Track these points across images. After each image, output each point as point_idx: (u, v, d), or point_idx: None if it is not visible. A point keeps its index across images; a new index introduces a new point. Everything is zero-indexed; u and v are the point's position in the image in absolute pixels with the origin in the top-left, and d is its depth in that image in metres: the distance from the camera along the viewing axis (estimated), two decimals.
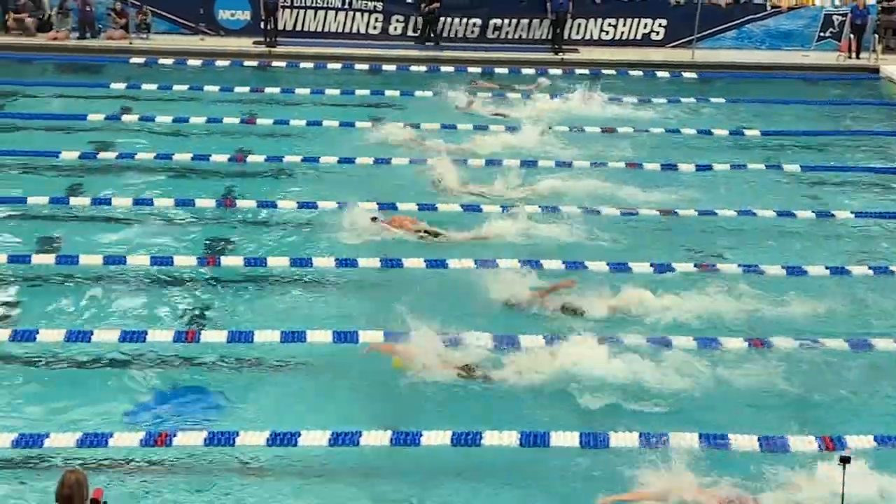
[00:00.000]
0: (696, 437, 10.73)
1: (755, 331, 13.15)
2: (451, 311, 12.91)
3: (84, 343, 12.33)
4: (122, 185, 17.50)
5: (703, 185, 18.54)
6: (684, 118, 22.76)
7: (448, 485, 10.12)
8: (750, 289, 14.14)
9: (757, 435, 10.86)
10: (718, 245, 16.07)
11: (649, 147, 20.53)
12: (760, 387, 11.98)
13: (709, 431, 10.84)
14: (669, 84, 25.81)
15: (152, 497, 9.86)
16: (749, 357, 12.53)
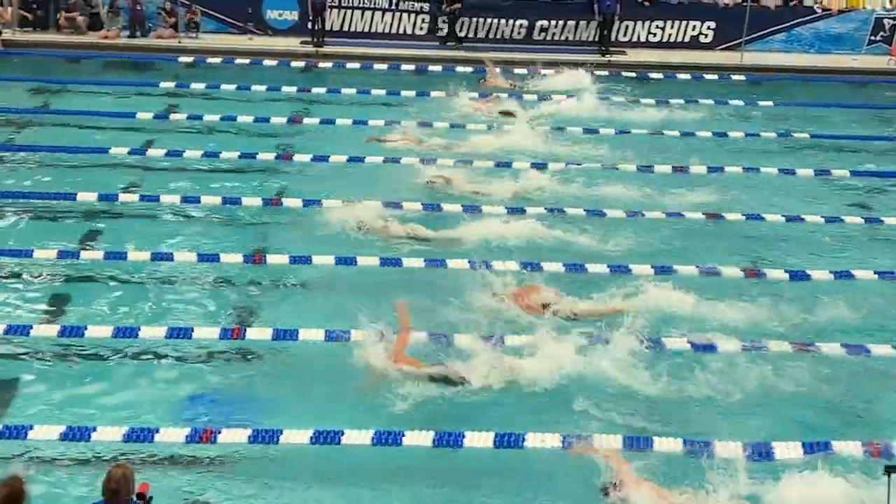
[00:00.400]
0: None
1: (799, 335, 13.05)
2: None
3: (131, 339, 12.45)
4: (170, 183, 17.66)
5: (750, 189, 18.40)
6: (732, 121, 22.60)
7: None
8: (796, 293, 14.02)
9: (800, 441, 10.77)
10: (765, 249, 15.94)
11: (696, 150, 20.39)
12: (805, 392, 11.87)
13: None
14: (717, 87, 25.63)
15: (196, 493, 9.95)
16: (791, 361, 12.43)
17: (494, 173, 18.52)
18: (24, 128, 20.42)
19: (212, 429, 10.71)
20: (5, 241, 15.16)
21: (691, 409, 11.56)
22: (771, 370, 12.21)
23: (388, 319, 12.38)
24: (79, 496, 9.60)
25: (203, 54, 26.00)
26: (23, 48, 25.60)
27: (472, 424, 10.90)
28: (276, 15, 27.79)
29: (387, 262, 14.63)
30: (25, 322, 12.77)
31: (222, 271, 14.46)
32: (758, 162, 19.67)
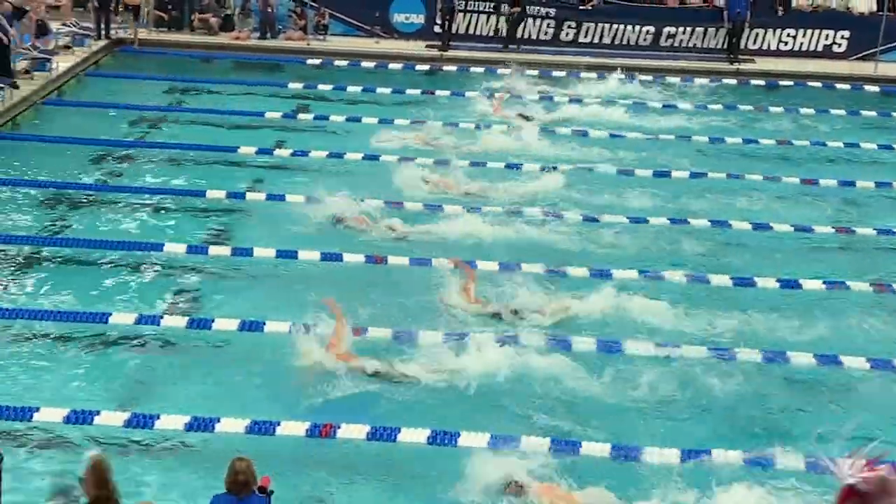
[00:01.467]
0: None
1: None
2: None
3: (257, 332, 12.70)
4: (296, 182, 17.96)
5: (883, 202, 17.88)
6: (864, 133, 21.99)
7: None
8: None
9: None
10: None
11: (826, 161, 19.90)
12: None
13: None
14: (850, 97, 24.96)
15: (312, 488, 10.07)
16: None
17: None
18: (158, 125, 21.01)
19: (331, 424, 10.82)
20: (137, 234, 15.62)
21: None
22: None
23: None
24: (196, 488, 9.77)
25: (330, 56, 26.38)
26: (157, 47, 26.34)
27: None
28: (402, 18, 28.04)
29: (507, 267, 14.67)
30: (155, 313, 13.12)
31: (344, 269, 14.64)
32: (892, 176, 19.11)
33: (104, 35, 25.76)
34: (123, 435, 10.68)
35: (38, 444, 10.46)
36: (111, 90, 22.87)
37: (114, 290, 13.97)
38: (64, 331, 12.68)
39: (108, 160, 18.75)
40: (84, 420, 10.77)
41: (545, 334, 12.81)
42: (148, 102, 22.18)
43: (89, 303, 13.44)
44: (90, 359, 12.22)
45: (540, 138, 20.42)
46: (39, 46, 23.04)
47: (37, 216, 16.19)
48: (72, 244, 15.08)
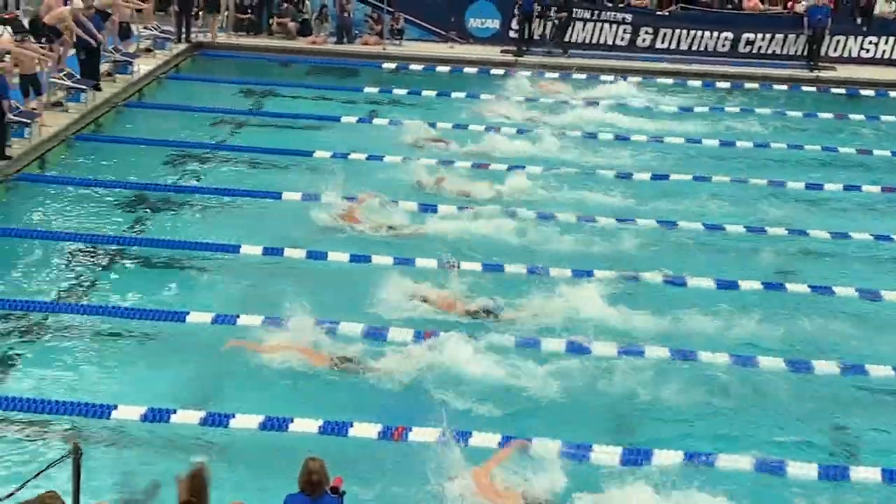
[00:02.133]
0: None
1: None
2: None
3: (332, 336, 12.79)
4: (371, 186, 18.09)
5: None
6: None
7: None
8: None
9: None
10: None
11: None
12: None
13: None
14: None
15: (384, 489, 10.12)
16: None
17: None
18: (236, 128, 21.22)
19: (403, 426, 10.88)
20: (213, 235, 15.83)
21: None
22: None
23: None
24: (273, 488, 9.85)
25: (406, 61, 26.49)
26: (236, 51, 26.66)
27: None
28: (478, 24, 28.08)
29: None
30: (231, 314, 13.28)
31: (419, 273, 14.71)
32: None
33: (184, 39, 26.18)
34: (198, 433, 10.84)
35: (114, 442, 10.64)
36: (190, 93, 23.23)
37: (190, 289, 14.19)
38: (142, 329, 12.91)
39: (185, 161, 19.03)
40: (160, 418, 10.95)
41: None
42: (226, 105, 22.46)
43: (166, 302, 13.66)
44: (166, 358, 12.43)
45: (614, 145, 20.32)
46: (121, 49, 23.48)
47: (116, 216, 16.49)
48: (151, 244, 15.36)
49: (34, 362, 12.21)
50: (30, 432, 10.64)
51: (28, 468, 9.41)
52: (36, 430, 10.66)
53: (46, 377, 11.84)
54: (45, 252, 15.02)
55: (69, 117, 20.19)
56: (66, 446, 7.17)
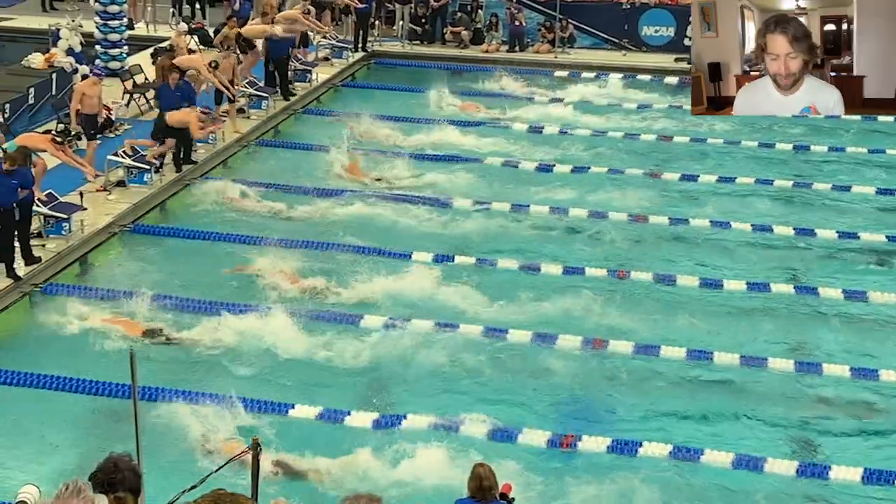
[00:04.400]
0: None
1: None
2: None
3: (501, 341, 12.96)
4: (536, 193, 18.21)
5: None
6: None
7: None
8: None
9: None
10: None
11: None
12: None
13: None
14: None
15: (559, 499, 10.17)
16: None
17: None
18: (408, 133, 21.48)
19: (572, 435, 10.92)
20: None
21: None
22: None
23: None
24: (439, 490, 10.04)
25: (577, 69, 26.39)
26: (410, 59, 27.06)
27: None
28: (651, 31, 27.79)
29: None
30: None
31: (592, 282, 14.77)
32: None
33: (361, 48, 26.77)
34: (372, 435, 11.14)
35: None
36: (365, 100, 23.71)
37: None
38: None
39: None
40: (335, 419, 11.29)
41: None
42: (398, 113, 22.82)
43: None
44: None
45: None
46: (300, 58, 24.17)
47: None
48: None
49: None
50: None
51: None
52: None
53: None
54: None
55: (251, 123, 20.96)
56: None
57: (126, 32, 23.50)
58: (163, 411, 11.13)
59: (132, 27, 25.65)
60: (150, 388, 11.41)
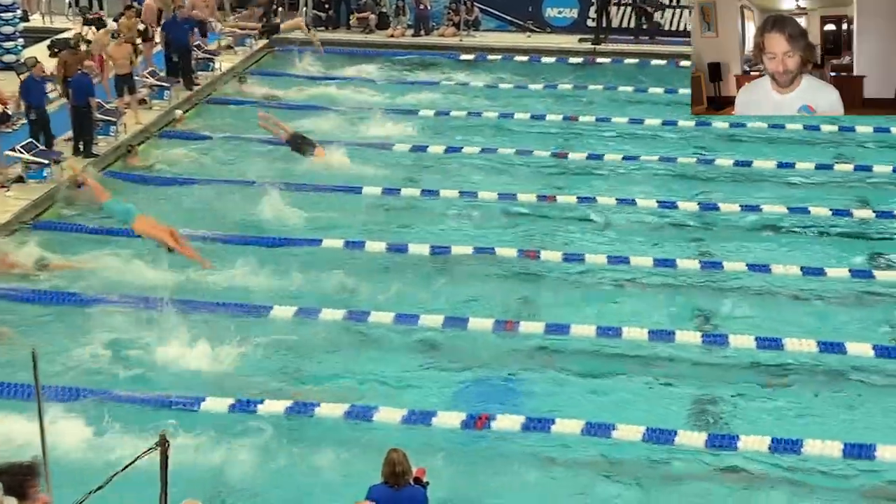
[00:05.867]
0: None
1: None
2: None
3: (411, 325, 12.97)
4: (450, 177, 18.19)
5: None
6: None
7: None
8: None
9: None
10: None
11: None
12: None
13: None
14: None
15: (469, 479, 10.21)
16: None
17: None
18: (315, 120, 21.31)
19: (486, 414, 10.98)
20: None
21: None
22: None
23: None
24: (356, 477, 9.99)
25: (483, 52, 26.45)
26: (314, 45, 26.76)
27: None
28: (555, 13, 27.95)
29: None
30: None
31: (498, 266, 14.83)
32: None
33: (265, 35, 26.45)
34: (287, 423, 11.06)
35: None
36: (270, 88, 23.44)
37: None
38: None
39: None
40: (247, 409, 11.19)
41: None
42: (305, 100, 22.62)
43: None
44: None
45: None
46: (203, 46, 23.81)
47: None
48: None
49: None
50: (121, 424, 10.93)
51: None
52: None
53: None
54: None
55: (153, 114, 20.60)
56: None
57: (20, 25, 22.95)
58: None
59: (27, 19, 25.06)
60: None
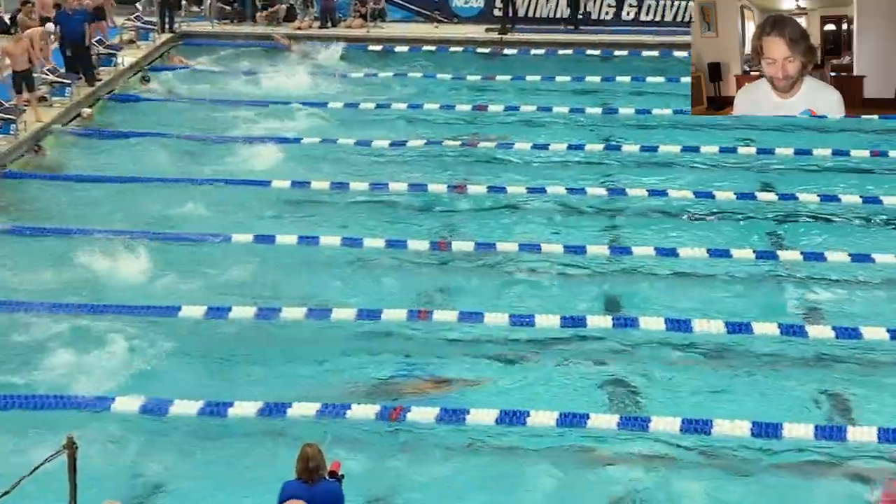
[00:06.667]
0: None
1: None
2: None
3: (324, 321, 12.91)
4: (360, 170, 18.13)
5: None
6: None
7: None
8: None
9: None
10: None
11: None
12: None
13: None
14: None
15: (385, 471, 10.20)
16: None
17: None
18: (229, 115, 20.98)
19: (401, 406, 10.97)
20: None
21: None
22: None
23: None
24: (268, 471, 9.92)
25: (391, 43, 26.38)
26: (221, 39, 26.43)
27: None
28: (461, 2, 27.99)
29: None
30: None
31: (408, 257, 14.84)
32: None
33: (168, 29, 26.05)
34: (201, 422, 10.94)
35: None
36: (176, 83, 23.11)
37: None
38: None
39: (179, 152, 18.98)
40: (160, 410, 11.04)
41: None
42: (213, 94, 22.32)
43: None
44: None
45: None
46: (104, 41, 23.32)
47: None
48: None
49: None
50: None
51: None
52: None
53: None
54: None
55: (54, 112, 20.14)
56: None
57: None
58: None
59: None
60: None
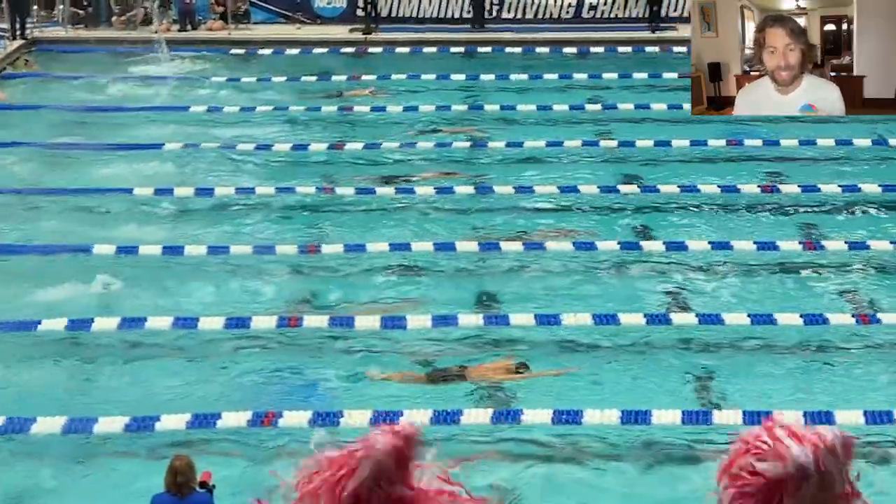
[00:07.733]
0: None
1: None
2: None
3: (189, 329, 12.65)
4: (231, 175, 17.87)
5: None
6: None
7: None
8: None
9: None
10: None
11: None
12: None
13: None
14: None
15: (256, 478, 10.05)
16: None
17: None
18: (89, 124, 20.47)
19: (273, 412, 10.84)
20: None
21: None
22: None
23: None
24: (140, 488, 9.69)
25: (254, 45, 26.04)
26: (76, 45, 25.73)
27: None
28: (324, 3, 27.81)
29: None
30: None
31: (276, 261, 14.64)
32: None
33: (19, 35, 25.22)
34: (64, 440, 10.59)
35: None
36: (28, 92, 22.41)
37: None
38: None
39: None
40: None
41: None
42: (69, 102, 21.70)
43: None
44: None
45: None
46: None
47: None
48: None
49: None
50: None
51: None
52: None
53: None
54: None
55: None
56: None
57: None
58: None
59: None
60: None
